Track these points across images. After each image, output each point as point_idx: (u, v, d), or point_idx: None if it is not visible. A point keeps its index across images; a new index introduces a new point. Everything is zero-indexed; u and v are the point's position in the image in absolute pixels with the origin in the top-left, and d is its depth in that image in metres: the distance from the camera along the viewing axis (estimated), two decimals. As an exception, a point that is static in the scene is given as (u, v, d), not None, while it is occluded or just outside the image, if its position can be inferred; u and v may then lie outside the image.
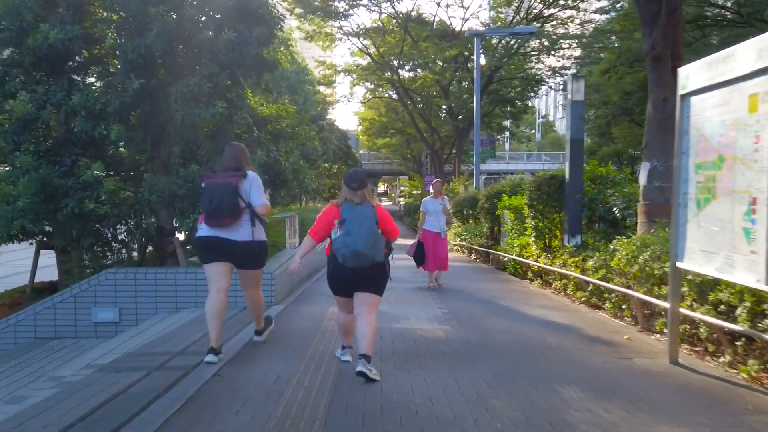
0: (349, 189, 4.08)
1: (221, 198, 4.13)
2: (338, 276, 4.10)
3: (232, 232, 4.24)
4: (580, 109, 9.40)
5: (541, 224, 9.99)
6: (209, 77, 6.64)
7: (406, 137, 42.95)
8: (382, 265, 4.06)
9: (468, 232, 17.30)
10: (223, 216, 4.16)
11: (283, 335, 5.55)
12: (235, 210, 4.18)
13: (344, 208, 4.00)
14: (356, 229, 3.88)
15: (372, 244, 3.89)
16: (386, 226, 4.12)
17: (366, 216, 3.95)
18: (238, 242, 4.26)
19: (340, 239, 3.91)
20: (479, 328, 6.04)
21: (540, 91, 41.79)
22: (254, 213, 4.31)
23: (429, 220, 9.20)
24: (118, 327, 7.27)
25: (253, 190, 4.30)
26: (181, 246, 7.91)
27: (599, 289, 7.22)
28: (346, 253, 3.88)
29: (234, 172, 4.28)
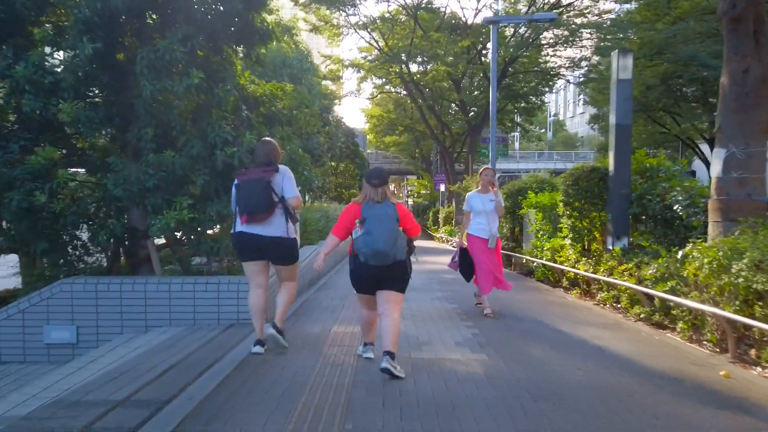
0: (370, 186, 4.09)
1: (255, 194, 4.17)
2: (361, 274, 4.13)
3: (265, 228, 4.28)
4: (627, 90, 8.04)
5: (579, 224, 8.62)
6: (182, 40, 5.35)
7: (414, 135, 41.58)
8: (403, 262, 4.09)
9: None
10: (259, 212, 4.19)
11: (268, 385, 4.24)
12: (269, 205, 4.22)
13: (365, 207, 4.02)
14: (377, 228, 3.91)
15: (393, 242, 3.91)
16: (407, 224, 4.15)
17: (386, 214, 3.95)
18: (270, 238, 4.29)
19: (362, 238, 3.94)
20: (523, 359, 4.69)
21: (555, 87, 40.31)
22: (286, 207, 4.34)
23: (476, 221, 6.73)
24: (75, 349, 5.99)
25: (286, 182, 4.33)
26: (156, 251, 6.61)
27: (666, 304, 5.86)
28: (367, 252, 3.91)
29: (266, 167, 4.31)
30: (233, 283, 5.94)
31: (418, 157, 50.64)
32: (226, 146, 5.70)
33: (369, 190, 4.11)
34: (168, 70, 5.47)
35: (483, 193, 6.79)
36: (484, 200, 6.73)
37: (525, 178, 14.21)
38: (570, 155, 69.07)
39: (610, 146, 8.20)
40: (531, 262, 11.08)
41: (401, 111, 36.96)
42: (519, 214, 13.79)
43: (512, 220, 14.01)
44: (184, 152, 5.83)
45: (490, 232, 6.69)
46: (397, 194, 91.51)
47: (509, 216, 14.15)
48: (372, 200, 4.06)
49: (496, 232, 6.82)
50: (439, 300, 7.95)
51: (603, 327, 6.04)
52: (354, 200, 4.23)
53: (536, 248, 10.56)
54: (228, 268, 6.81)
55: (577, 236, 8.63)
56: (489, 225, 6.69)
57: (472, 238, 6.77)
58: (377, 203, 4.03)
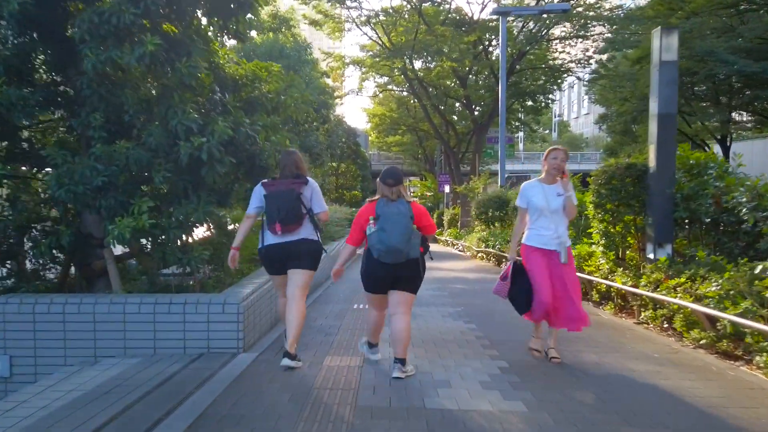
0: (384, 185, 4.06)
1: (285, 205, 4.20)
2: (374, 272, 4.09)
3: (294, 235, 4.30)
4: (671, 73, 6.90)
5: (612, 229, 7.49)
6: (134, 0, 4.24)
7: (418, 135, 40.49)
8: (417, 261, 4.06)
9: (496, 237, 14.80)
10: (288, 222, 4.22)
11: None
12: (299, 217, 4.27)
13: (379, 204, 4.00)
14: (391, 225, 3.89)
15: (407, 239, 3.89)
16: (422, 222, 4.12)
17: (401, 212, 3.92)
18: (298, 240, 4.30)
19: (375, 235, 3.92)
20: (573, 410, 3.55)
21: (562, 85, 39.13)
22: (313, 218, 4.37)
23: (537, 225, 4.65)
24: (8, 384, 4.88)
25: (314, 195, 4.40)
26: (114, 262, 5.50)
27: (737, 330, 4.72)
28: (380, 248, 3.90)
29: (295, 179, 4.35)
30: (203, 303, 4.82)
31: (420, 157, 49.52)
32: (191, 136, 4.60)
33: (384, 189, 4.06)
34: (116, 37, 4.36)
35: (547, 184, 4.65)
36: (548, 194, 4.59)
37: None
38: (576, 156, 68.02)
39: (650, 139, 7.08)
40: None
41: (404, 110, 35.87)
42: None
43: (526, 223, 12.89)
44: (140, 143, 4.72)
45: (560, 240, 4.55)
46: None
47: (523, 219, 13.04)
48: (386, 198, 4.02)
49: (566, 240, 4.63)
50: (453, 318, 6.82)
51: (660, 359, 4.89)
52: (368, 200, 4.20)
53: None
54: (201, 283, 5.69)
55: (609, 243, 7.50)
56: (557, 229, 4.55)
57: (530, 251, 4.65)
58: (392, 201, 4.00)
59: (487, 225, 17.45)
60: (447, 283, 10.49)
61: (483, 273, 12.79)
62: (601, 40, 25.21)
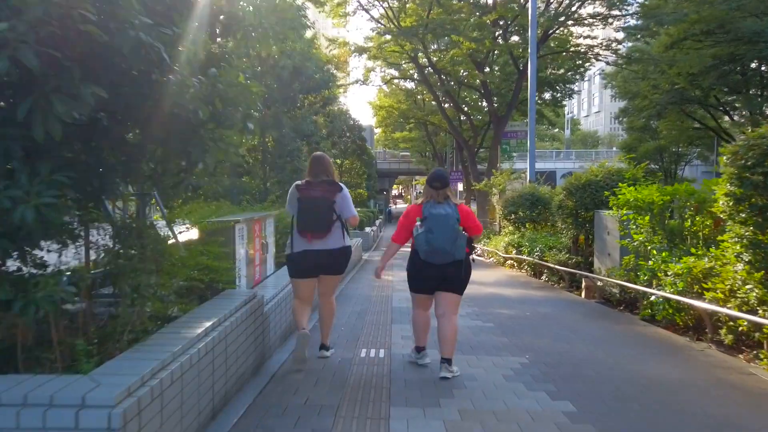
0: (431, 188, 4.16)
1: (318, 214, 4.26)
2: (420, 272, 4.18)
3: (325, 242, 4.31)
4: None
5: (764, 237, 4.85)
6: None
7: (427, 130, 37.93)
8: (462, 262, 4.07)
9: (532, 242, 12.15)
10: (321, 230, 4.26)
11: None
12: (331, 223, 4.30)
13: (426, 206, 4.09)
14: (438, 226, 3.97)
15: (453, 241, 3.96)
16: (468, 223, 4.15)
17: (447, 214, 4.00)
18: (329, 250, 4.34)
19: (422, 236, 4.02)
20: None
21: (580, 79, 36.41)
22: (343, 222, 4.38)
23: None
24: None
25: (345, 202, 4.42)
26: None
27: None
28: (428, 249, 4.00)
29: (330, 186, 4.38)
30: (32, 406, 2.20)
31: (428, 155, 47.02)
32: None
33: (431, 192, 4.16)
34: None
35: None
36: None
37: (593, 168, 10.45)
38: (590, 154, 65.39)
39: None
40: (619, 288, 7.29)
41: (412, 103, 33.30)
42: (583, 217, 10.06)
43: (576, 225, 10.26)
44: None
45: None
46: (406, 196, 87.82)
47: (570, 220, 10.40)
48: (433, 200, 4.09)
49: None
50: (527, 384, 4.17)
51: None
52: (414, 202, 4.30)
53: (646, 271, 6.75)
54: (69, 348, 2.97)
55: (760, 258, 4.84)
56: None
57: None
58: (438, 203, 4.06)
59: (516, 227, 14.82)
60: (485, 304, 7.87)
61: (523, 288, 10.15)
62: (635, 18, 22.52)
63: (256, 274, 5.39)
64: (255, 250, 5.36)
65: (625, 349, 5.32)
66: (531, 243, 12.10)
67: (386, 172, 59.13)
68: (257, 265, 5.45)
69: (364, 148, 32.09)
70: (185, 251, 4.26)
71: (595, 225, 9.57)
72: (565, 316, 7.23)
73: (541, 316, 7.05)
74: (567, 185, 10.46)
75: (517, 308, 7.67)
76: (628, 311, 7.68)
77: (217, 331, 3.31)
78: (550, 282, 10.78)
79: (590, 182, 9.98)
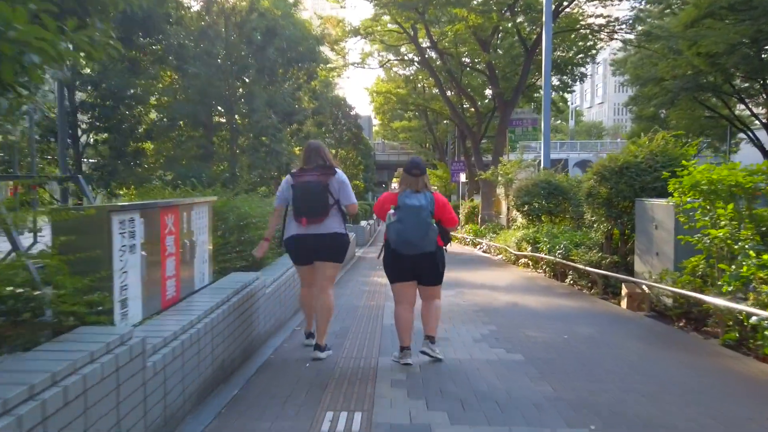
0: (410, 176, 4.13)
1: (313, 198, 4.19)
2: (393, 262, 4.17)
3: (320, 227, 4.23)
4: None
5: None
6: None
7: (427, 119, 35.96)
8: (433, 254, 4.07)
9: (553, 238, 10.25)
10: (315, 215, 4.19)
11: None
12: (326, 208, 4.21)
13: (401, 196, 4.03)
14: (408, 217, 3.95)
15: (423, 234, 3.93)
16: (444, 215, 4.15)
17: (421, 205, 3.96)
18: (326, 234, 4.25)
19: (393, 226, 3.99)
20: None
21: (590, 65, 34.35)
22: (341, 208, 4.32)
23: None
24: None
25: (343, 187, 4.33)
26: None
27: None
28: (396, 240, 3.97)
29: (323, 170, 4.30)
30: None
31: (428, 146, 45.04)
32: None
33: (409, 179, 4.12)
34: None
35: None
36: None
37: (630, 147, 8.54)
38: (595, 145, 63.53)
39: None
40: (673, 297, 5.38)
41: (412, 89, 31.29)
42: (620, 207, 8.20)
43: (609, 216, 8.39)
44: None
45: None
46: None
47: (603, 211, 8.52)
48: (409, 189, 4.06)
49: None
50: None
51: None
52: (390, 191, 4.53)
53: (730, 279, 4.85)
54: None
55: None
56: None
57: None
58: (414, 192, 4.04)
59: (530, 220, 12.93)
60: (506, 321, 5.97)
61: (546, 294, 8.26)
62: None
63: (167, 292, 3.50)
64: (166, 253, 3.47)
65: (738, 409, 3.45)
66: (551, 239, 10.19)
67: (385, 164, 57.29)
68: (170, 278, 3.56)
69: (360, 137, 30.11)
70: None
71: (637, 217, 7.69)
72: (615, 340, 5.34)
73: (584, 342, 5.17)
74: (599, 169, 8.56)
75: (549, 327, 5.78)
76: (691, 328, 5.82)
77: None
78: (577, 286, 8.90)
79: (629, 165, 8.09)
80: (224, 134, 10.36)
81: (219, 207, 5.21)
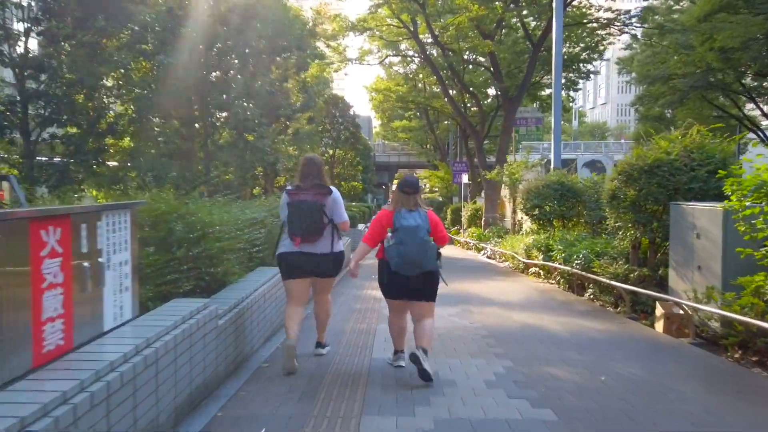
0: (402, 194, 4.10)
1: (308, 217, 4.19)
2: (391, 282, 4.10)
3: (316, 246, 4.27)
4: None
5: None
6: None
7: (428, 118, 34.82)
8: (433, 272, 4.05)
9: (569, 246, 9.12)
10: (312, 234, 4.21)
11: None
12: (320, 228, 4.23)
13: (397, 216, 4.01)
14: (409, 238, 3.91)
15: (424, 252, 3.92)
16: (437, 233, 4.12)
17: (418, 225, 3.95)
18: (322, 254, 4.30)
19: (393, 248, 3.95)
20: None
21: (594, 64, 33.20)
22: (335, 226, 4.36)
23: None
24: None
25: (335, 206, 4.36)
26: None
27: None
28: (399, 261, 3.93)
29: (319, 189, 4.31)
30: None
31: (430, 146, 43.87)
32: None
33: (401, 198, 4.09)
34: None
35: None
36: None
37: (659, 142, 7.41)
38: (599, 146, 62.52)
39: None
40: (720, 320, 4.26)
41: (413, 87, 30.17)
42: (650, 211, 7.12)
43: (637, 222, 7.28)
44: None
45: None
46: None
47: (629, 216, 7.41)
48: (404, 208, 4.03)
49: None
50: None
51: None
52: (385, 207, 4.28)
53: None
54: None
55: None
56: None
57: None
58: (409, 211, 4.01)
59: (541, 225, 11.80)
60: (525, 355, 4.83)
61: (566, 313, 7.12)
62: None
63: (47, 341, 2.39)
64: (43, 285, 2.36)
65: None
66: (567, 247, 9.06)
67: (385, 165, 56.23)
68: (52, 320, 2.44)
69: (358, 136, 28.98)
70: None
71: (672, 223, 6.57)
72: (666, 382, 4.20)
73: (628, 386, 4.04)
74: (626, 168, 7.44)
75: (578, 362, 4.65)
76: (752, 361, 4.70)
77: None
78: (598, 302, 7.78)
79: (661, 163, 6.98)
80: (200, 129, 9.20)
81: (161, 214, 4.10)
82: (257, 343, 4.93)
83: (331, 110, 26.50)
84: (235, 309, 4.24)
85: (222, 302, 4.12)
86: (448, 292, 9.05)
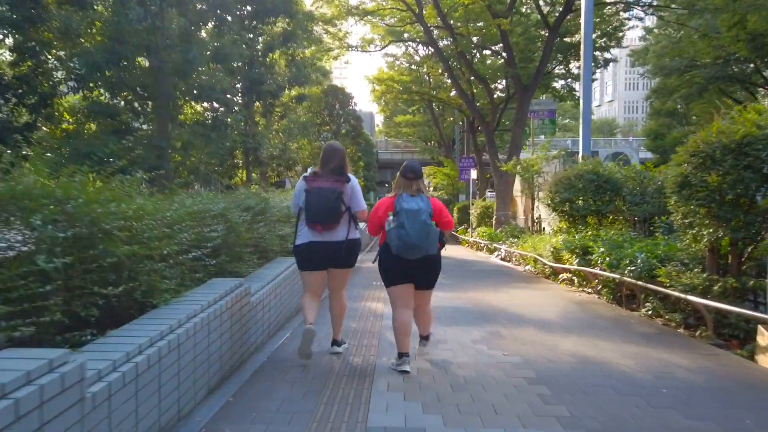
0: (405, 179, 4.08)
1: (327, 204, 4.14)
2: (391, 267, 4.06)
3: (333, 234, 4.23)
4: None
5: None
6: None
7: (433, 112, 33.08)
8: (434, 257, 4.02)
9: (615, 248, 7.37)
10: (329, 222, 4.16)
11: None
12: (339, 215, 4.19)
13: (398, 200, 3.97)
14: (410, 221, 3.87)
15: (425, 236, 3.88)
16: (441, 218, 4.07)
17: (420, 208, 3.89)
18: (338, 242, 4.25)
19: (394, 231, 3.91)
20: None
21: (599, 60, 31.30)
22: (352, 214, 4.30)
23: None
24: None
25: (354, 194, 4.31)
26: None
27: None
28: (399, 245, 3.88)
29: (338, 176, 4.25)
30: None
31: (434, 142, 42.10)
32: None
33: (403, 183, 4.07)
34: None
35: None
36: None
37: (746, 115, 5.65)
38: (608, 142, 60.64)
39: None
40: None
41: (417, 77, 28.42)
42: (737, 204, 5.41)
43: (719, 218, 5.54)
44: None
45: None
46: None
47: (705, 210, 5.68)
48: (405, 192, 4.00)
49: None
50: None
51: None
52: (387, 195, 4.19)
53: None
54: None
55: None
56: None
57: None
58: (411, 196, 3.97)
59: (570, 222, 10.06)
60: (603, 422, 3.09)
61: (626, 337, 5.35)
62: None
63: None
64: None
65: None
66: (613, 249, 7.31)
67: (389, 163, 54.52)
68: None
69: (360, 131, 27.23)
70: None
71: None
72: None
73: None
74: (701, 147, 5.69)
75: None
76: None
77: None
78: (659, 319, 6.06)
79: (754, 140, 5.24)
80: (153, 101, 7.42)
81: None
82: (185, 409, 3.20)
83: (330, 101, 24.79)
84: (130, 361, 2.51)
85: (109, 352, 2.39)
86: (466, 305, 7.29)
